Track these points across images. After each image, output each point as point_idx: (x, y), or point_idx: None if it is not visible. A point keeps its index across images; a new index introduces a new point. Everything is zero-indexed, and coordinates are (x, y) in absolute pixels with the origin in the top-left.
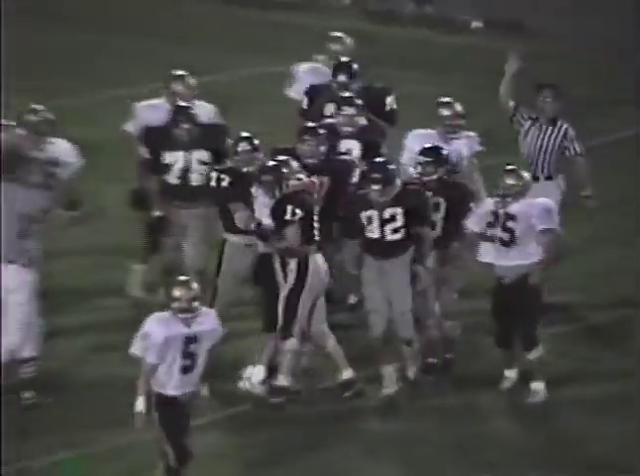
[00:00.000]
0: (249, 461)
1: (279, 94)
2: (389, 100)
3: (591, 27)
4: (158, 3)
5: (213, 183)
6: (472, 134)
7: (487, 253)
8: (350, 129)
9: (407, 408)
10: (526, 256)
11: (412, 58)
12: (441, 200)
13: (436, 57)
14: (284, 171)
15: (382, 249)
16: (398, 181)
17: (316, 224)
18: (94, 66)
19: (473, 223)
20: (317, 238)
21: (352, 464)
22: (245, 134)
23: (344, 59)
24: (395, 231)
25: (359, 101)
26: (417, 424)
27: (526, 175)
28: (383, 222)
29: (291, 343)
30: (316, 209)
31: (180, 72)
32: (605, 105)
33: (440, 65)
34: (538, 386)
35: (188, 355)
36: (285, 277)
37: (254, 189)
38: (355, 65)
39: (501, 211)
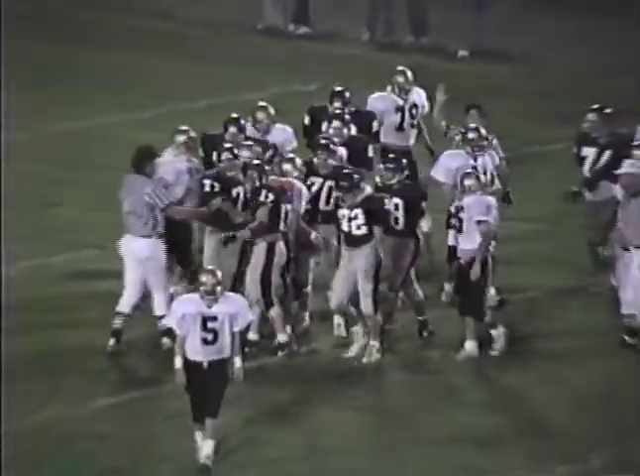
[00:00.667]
0: (273, 407)
1: (300, 108)
2: (375, 124)
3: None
4: (197, 31)
5: (207, 189)
6: (492, 152)
7: (451, 238)
8: (339, 139)
9: (398, 360)
10: (473, 241)
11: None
12: (400, 201)
13: (430, 79)
14: (266, 168)
15: (350, 240)
16: (368, 188)
17: (283, 215)
18: (150, 84)
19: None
20: (282, 229)
21: (357, 402)
22: (227, 145)
23: (338, 88)
24: (358, 227)
25: (346, 116)
26: (407, 374)
27: (482, 176)
28: (350, 219)
29: (275, 310)
30: (287, 206)
31: (263, 103)
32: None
33: (433, 86)
34: (498, 331)
35: (209, 330)
36: (247, 256)
37: (234, 191)
38: (347, 93)
39: (459, 204)
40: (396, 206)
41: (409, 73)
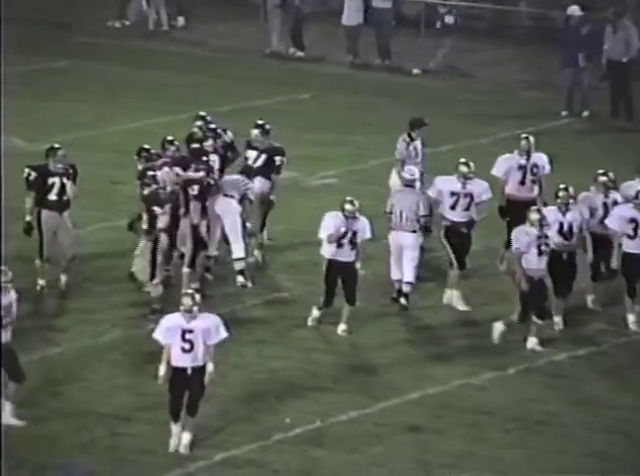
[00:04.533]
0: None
1: (298, 111)
2: (279, 159)
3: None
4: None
5: None
6: (481, 181)
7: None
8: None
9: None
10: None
11: (379, 91)
12: None
13: (392, 90)
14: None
15: None
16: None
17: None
18: (185, 95)
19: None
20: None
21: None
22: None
23: (260, 121)
24: None
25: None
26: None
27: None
28: None
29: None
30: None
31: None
32: (496, 118)
33: (394, 95)
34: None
35: (186, 341)
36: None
37: None
38: (267, 126)
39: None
40: None
41: (532, 139)
